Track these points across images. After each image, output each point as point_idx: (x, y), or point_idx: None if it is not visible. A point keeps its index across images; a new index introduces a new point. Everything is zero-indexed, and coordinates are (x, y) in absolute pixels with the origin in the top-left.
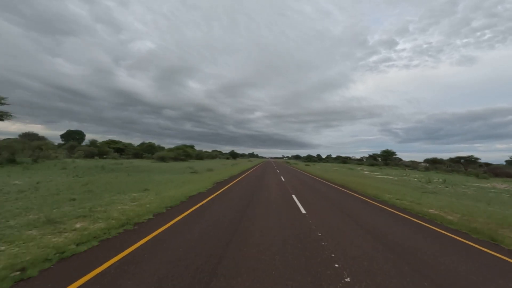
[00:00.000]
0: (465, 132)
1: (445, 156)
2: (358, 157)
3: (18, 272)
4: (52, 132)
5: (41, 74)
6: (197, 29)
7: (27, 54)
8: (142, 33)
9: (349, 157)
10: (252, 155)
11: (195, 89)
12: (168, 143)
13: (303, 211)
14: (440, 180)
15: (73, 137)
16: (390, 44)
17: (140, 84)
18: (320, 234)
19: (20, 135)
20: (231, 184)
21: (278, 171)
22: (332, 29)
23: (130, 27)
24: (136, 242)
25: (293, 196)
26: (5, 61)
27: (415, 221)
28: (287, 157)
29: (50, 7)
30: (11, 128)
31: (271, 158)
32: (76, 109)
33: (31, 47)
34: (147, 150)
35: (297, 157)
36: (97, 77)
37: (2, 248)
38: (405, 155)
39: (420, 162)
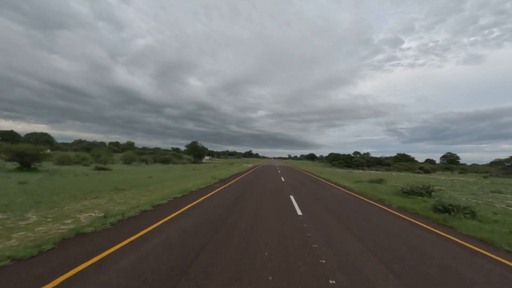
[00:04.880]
0: (471, 132)
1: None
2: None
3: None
4: (56, 132)
5: (40, 72)
6: (196, 20)
7: (27, 52)
8: (141, 28)
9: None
10: (250, 155)
11: (196, 86)
12: (171, 143)
13: None
14: None
15: None
16: (395, 42)
17: (140, 81)
18: None
19: (27, 134)
20: None
21: None
22: (336, 25)
23: (130, 22)
24: None
25: None
26: (5, 60)
27: None
28: (295, 156)
29: (51, 4)
30: (16, 128)
31: (274, 158)
32: (78, 109)
33: (31, 45)
34: None
35: (311, 157)
36: (97, 75)
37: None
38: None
39: None
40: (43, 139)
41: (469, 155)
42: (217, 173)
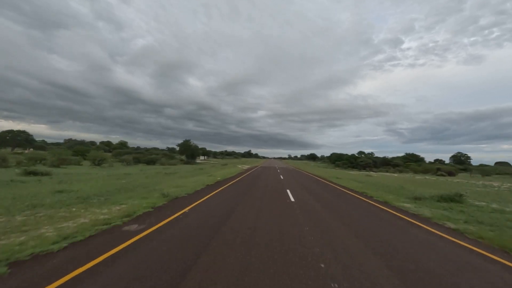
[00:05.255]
0: (471, 132)
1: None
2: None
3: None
4: (56, 132)
5: (40, 72)
6: (196, 20)
7: (27, 52)
8: (141, 28)
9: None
10: (249, 155)
11: (196, 86)
12: (171, 144)
13: None
14: None
15: None
16: (395, 42)
17: (140, 81)
18: None
19: (3, 132)
20: None
21: None
22: (337, 25)
23: (130, 22)
24: None
25: None
26: (5, 60)
27: None
28: (295, 157)
29: (51, 4)
30: (16, 128)
31: (274, 158)
32: (78, 109)
33: (31, 45)
34: None
35: (312, 157)
36: (97, 75)
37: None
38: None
39: None
40: (21, 138)
41: (469, 155)
42: (187, 181)
